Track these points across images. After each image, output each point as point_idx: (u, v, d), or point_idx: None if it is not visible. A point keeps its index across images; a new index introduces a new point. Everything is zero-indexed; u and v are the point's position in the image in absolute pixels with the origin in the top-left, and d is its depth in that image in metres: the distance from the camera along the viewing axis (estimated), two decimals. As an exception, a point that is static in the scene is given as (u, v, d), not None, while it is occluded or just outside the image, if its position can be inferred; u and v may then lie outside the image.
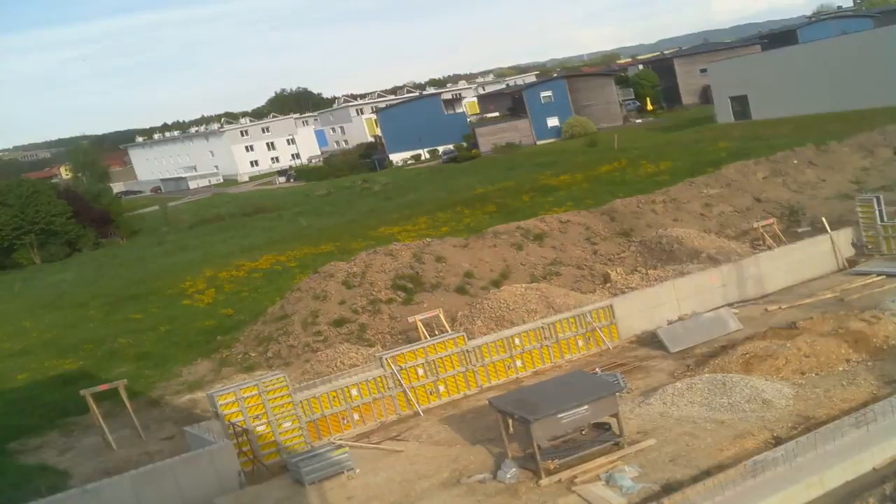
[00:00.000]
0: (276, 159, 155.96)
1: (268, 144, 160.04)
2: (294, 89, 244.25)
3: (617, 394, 19.51)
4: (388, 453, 21.35)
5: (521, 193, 58.92)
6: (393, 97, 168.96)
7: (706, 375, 21.54)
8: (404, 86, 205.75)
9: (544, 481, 17.47)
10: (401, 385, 24.81)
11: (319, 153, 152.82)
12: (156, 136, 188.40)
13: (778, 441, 17.72)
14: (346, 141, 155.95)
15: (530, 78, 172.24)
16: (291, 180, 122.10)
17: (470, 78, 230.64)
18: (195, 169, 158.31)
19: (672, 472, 17.06)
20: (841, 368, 21.07)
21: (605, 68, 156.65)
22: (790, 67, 72.94)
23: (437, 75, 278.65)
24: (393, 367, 24.88)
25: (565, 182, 60.29)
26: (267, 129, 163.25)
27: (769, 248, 33.62)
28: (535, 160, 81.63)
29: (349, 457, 20.46)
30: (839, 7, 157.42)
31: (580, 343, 27.63)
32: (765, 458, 16.62)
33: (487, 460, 19.38)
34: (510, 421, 18.68)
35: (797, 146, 51.58)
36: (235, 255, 55.57)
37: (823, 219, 34.23)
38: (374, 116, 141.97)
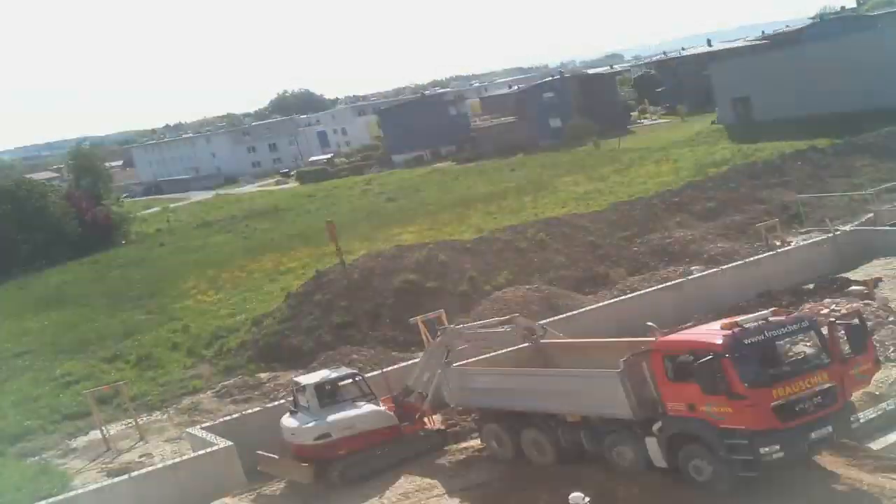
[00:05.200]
0: (279, 160, 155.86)
1: (270, 146, 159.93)
2: (296, 90, 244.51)
3: None
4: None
5: (524, 195, 58.88)
6: (395, 98, 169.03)
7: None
8: (406, 87, 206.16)
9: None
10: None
11: (322, 154, 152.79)
12: (158, 138, 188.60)
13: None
14: (348, 142, 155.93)
15: (533, 79, 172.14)
16: (294, 181, 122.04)
17: (472, 79, 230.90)
18: (197, 170, 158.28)
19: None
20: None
21: (607, 69, 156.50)
22: (793, 69, 72.74)
23: (440, 76, 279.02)
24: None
25: (568, 183, 60.26)
26: (269, 129, 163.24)
27: (772, 248, 33.52)
28: (537, 161, 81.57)
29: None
30: (842, 8, 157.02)
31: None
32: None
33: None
34: None
35: (799, 148, 51.54)
36: (238, 257, 55.55)
37: (827, 220, 34.14)
38: (375, 118, 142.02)
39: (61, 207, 75.74)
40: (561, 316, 28.81)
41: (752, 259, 31.95)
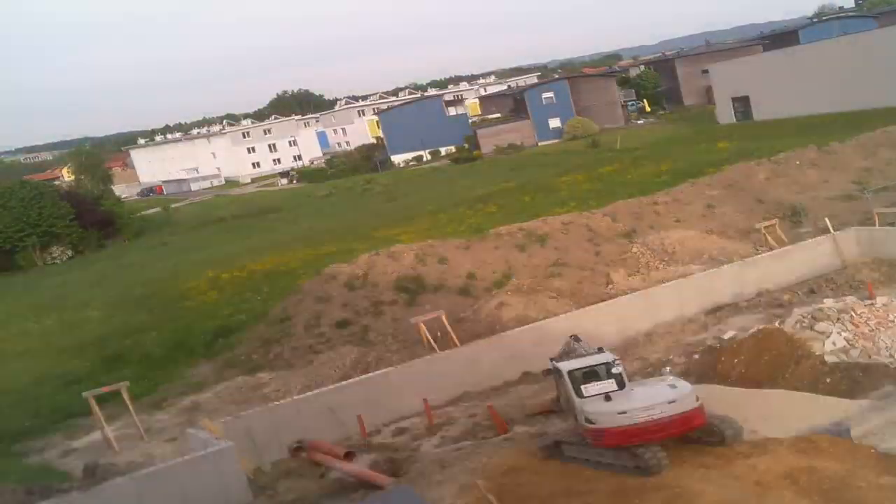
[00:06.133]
0: (278, 161, 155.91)
1: (270, 146, 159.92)
2: (295, 91, 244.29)
3: None
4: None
5: (523, 195, 58.85)
6: (394, 98, 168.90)
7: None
8: (406, 87, 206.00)
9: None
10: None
11: (321, 155, 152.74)
12: (158, 138, 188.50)
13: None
14: (347, 142, 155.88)
15: (532, 79, 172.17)
16: (294, 181, 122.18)
17: (471, 79, 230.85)
18: (197, 171, 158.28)
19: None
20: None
21: (606, 69, 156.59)
22: (792, 68, 72.88)
23: (439, 76, 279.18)
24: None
25: (567, 183, 60.20)
26: (269, 130, 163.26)
27: (771, 248, 33.56)
28: (536, 161, 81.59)
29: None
30: (841, 7, 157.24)
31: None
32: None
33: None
34: None
35: (799, 147, 51.54)
36: (238, 257, 55.48)
37: (827, 219, 34.16)
38: (375, 118, 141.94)
39: (61, 208, 75.83)
40: (560, 315, 28.92)
41: (751, 258, 32.02)
